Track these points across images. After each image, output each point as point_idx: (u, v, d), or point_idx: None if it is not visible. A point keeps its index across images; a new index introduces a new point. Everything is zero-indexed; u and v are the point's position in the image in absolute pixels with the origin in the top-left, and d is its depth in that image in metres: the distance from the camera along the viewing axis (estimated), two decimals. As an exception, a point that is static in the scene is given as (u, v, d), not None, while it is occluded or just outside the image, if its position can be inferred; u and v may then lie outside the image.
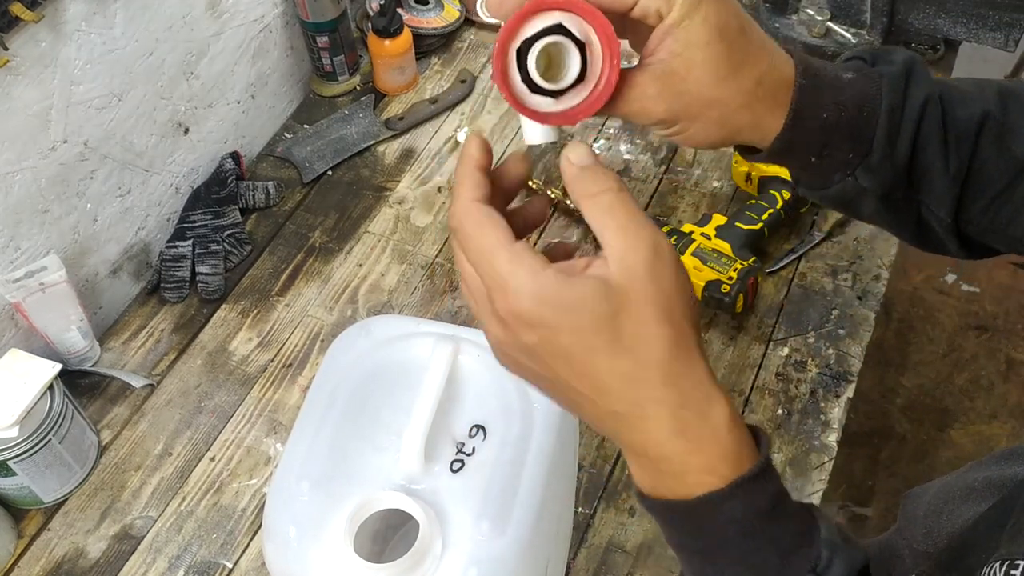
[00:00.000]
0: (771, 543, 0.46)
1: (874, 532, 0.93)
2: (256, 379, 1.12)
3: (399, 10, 1.37)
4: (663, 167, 1.30)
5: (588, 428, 1.04)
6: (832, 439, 1.04)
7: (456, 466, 0.74)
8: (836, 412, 1.06)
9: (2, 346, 1.04)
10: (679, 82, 0.53)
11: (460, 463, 0.74)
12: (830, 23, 1.39)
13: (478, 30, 1.49)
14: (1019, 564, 0.45)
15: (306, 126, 1.38)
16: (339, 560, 0.68)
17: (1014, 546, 0.48)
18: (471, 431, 0.76)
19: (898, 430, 2.02)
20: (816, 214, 1.22)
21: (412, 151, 1.35)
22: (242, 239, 1.23)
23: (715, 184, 1.28)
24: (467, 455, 0.75)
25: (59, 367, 0.97)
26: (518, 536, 0.71)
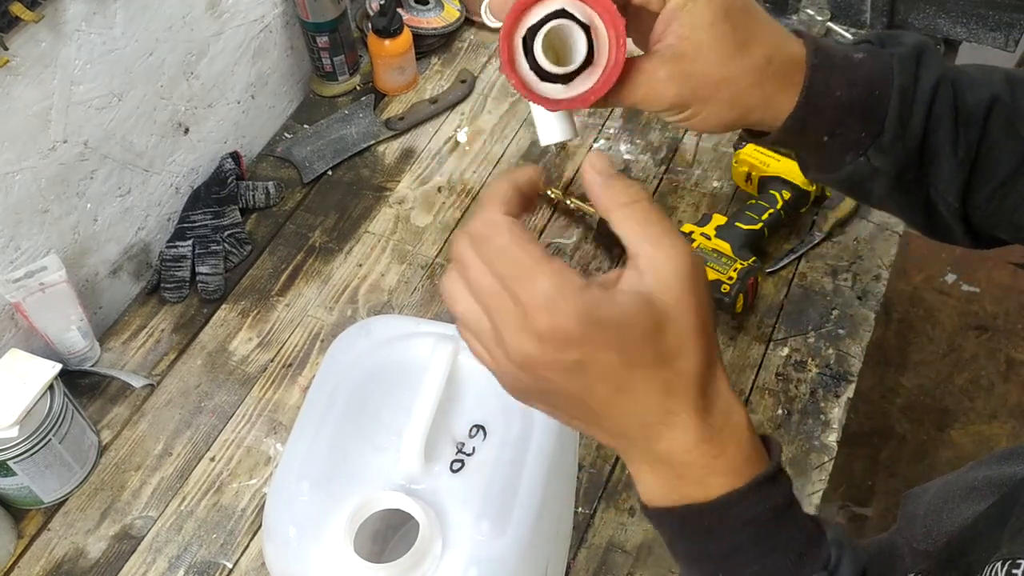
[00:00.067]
0: (787, 543, 0.46)
1: (874, 532, 0.93)
2: (256, 379, 1.12)
3: (399, 10, 1.37)
4: (663, 167, 1.30)
5: (588, 428, 1.04)
6: (832, 439, 1.04)
7: (456, 466, 0.74)
8: (836, 412, 1.06)
9: (2, 346, 1.04)
10: (688, 64, 0.53)
11: (460, 463, 0.74)
12: (830, 23, 1.40)
13: (478, 30, 1.49)
14: (1020, 564, 0.45)
15: (306, 126, 1.38)
16: (339, 560, 0.68)
17: (1015, 545, 0.48)
18: (471, 431, 0.76)
19: (898, 430, 2.02)
20: (816, 214, 1.22)
21: (412, 151, 1.35)
22: (242, 239, 1.23)
23: (715, 184, 1.28)
24: (467, 455, 0.75)
25: (59, 367, 0.97)
26: (518, 536, 0.71)
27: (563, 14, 0.51)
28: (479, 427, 0.76)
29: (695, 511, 0.46)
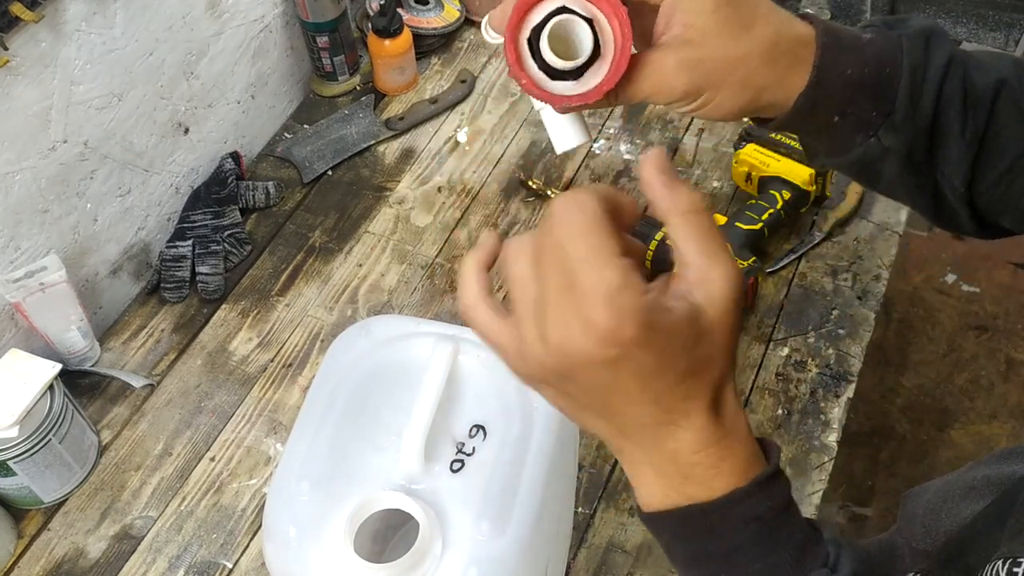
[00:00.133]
0: (788, 540, 0.47)
1: (874, 532, 0.93)
2: (256, 379, 1.12)
3: (399, 10, 1.37)
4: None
5: (588, 428, 1.04)
6: (832, 439, 1.04)
7: (456, 466, 0.74)
8: (836, 412, 1.06)
9: (2, 346, 1.04)
10: (697, 50, 0.53)
11: (460, 463, 0.74)
12: (830, 23, 1.40)
13: (478, 30, 1.49)
14: (1021, 563, 0.45)
15: (306, 126, 1.38)
16: (339, 560, 0.68)
17: (1015, 544, 0.48)
18: (471, 431, 0.76)
19: (898, 430, 2.02)
20: (816, 214, 1.22)
21: (412, 151, 1.35)
22: (242, 239, 1.23)
23: (715, 184, 1.28)
24: (467, 455, 0.75)
25: (59, 367, 0.97)
26: (518, 536, 0.71)
27: (565, 10, 0.52)
28: (479, 427, 0.76)
29: (698, 510, 0.46)
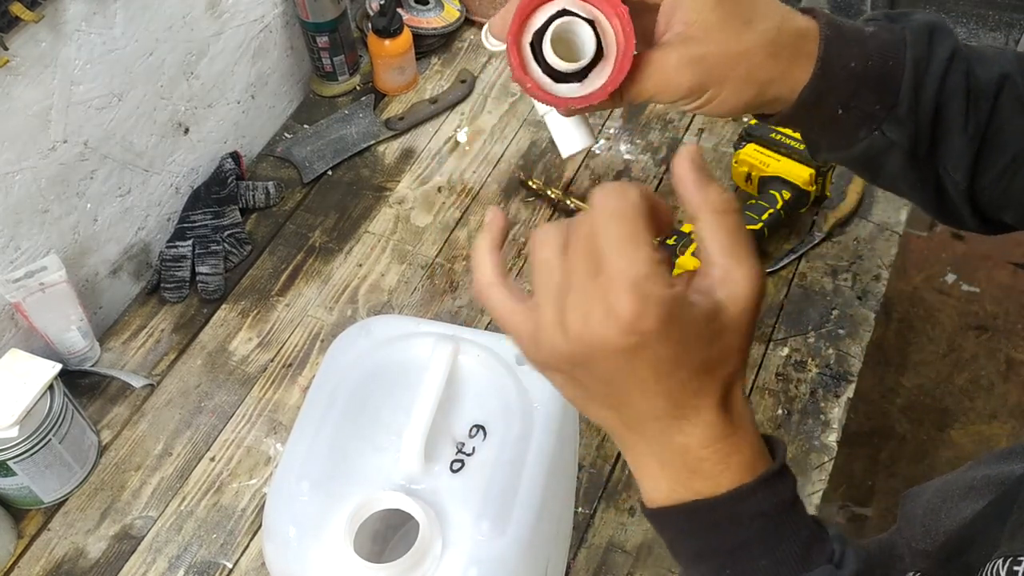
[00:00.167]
0: (793, 536, 0.47)
1: (874, 532, 0.93)
2: (256, 379, 1.12)
3: (399, 10, 1.37)
4: (663, 167, 1.30)
5: (588, 428, 1.04)
6: (832, 439, 1.04)
7: (456, 466, 0.74)
8: (836, 412, 1.06)
9: (2, 346, 1.04)
10: (700, 46, 0.53)
11: (460, 463, 0.74)
12: (830, 23, 1.39)
13: (478, 30, 1.49)
14: (1022, 561, 0.45)
15: (306, 126, 1.38)
16: (339, 560, 0.68)
17: (1015, 543, 0.48)
18: (471, 431, 0.76)
19: (898, 430, 2.02)
20: (816, 214, 1.22)
21: (412, 151, 1.35)
22: (242, 239, 1.23)
23: (715, 184, 1.27)
24: (467, 455, 0.75)
25: (59, 367, 0.97)
26: (518, 536, 0.71)
27: (566, 13, 0.52)
28: (479, 427, 0.76)
29: (704, 505, 0.46)
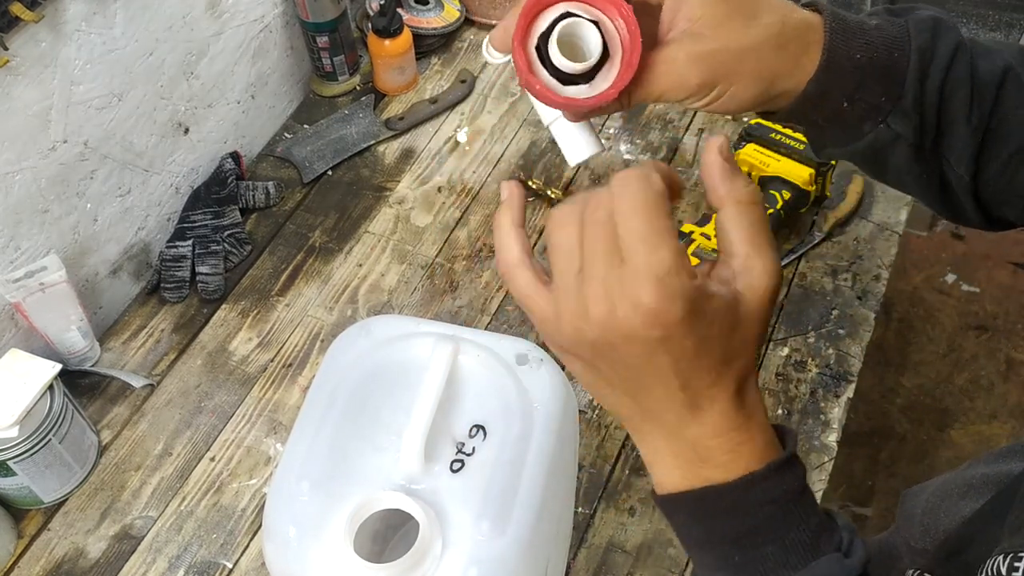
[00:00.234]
0: (801, 524, 0.47)
1: (874, 532, 0.93)
2: (256, 379, 1.12)
3: (399, 10, 1.37)
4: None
5: (588, 428, 1.04)
6: (832, 439, 1.04)
7: (456, 466, 0.74)
8: (836, 412, 1.06)
9: (2, 346, 1.04)
10: (708, 43, 0.53)
11: (460, 463, 0.74)
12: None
13: (478, 30, 1.49)
14: (1023, 556, 0.45)
15: (306, 126, 1.38)
16: (339, 560, 0.68)
17: (1016, 539, 0.48)
18: (471, 431, 0.76)
19: (898, 430, 2.02)
20: (816, 214, 1.22)
21: (412, 151, 1.35)
22: (242, 239, 1.23)
23: (715, 184, 1.27)
24: (467, 455, 0.75)
25: (59, 367, 0.97)
26: (518, 536, 0.71)
27: (570, 15, 0.52)
28: (479, 427, 0.76)
29: (713, 492, 0.47)
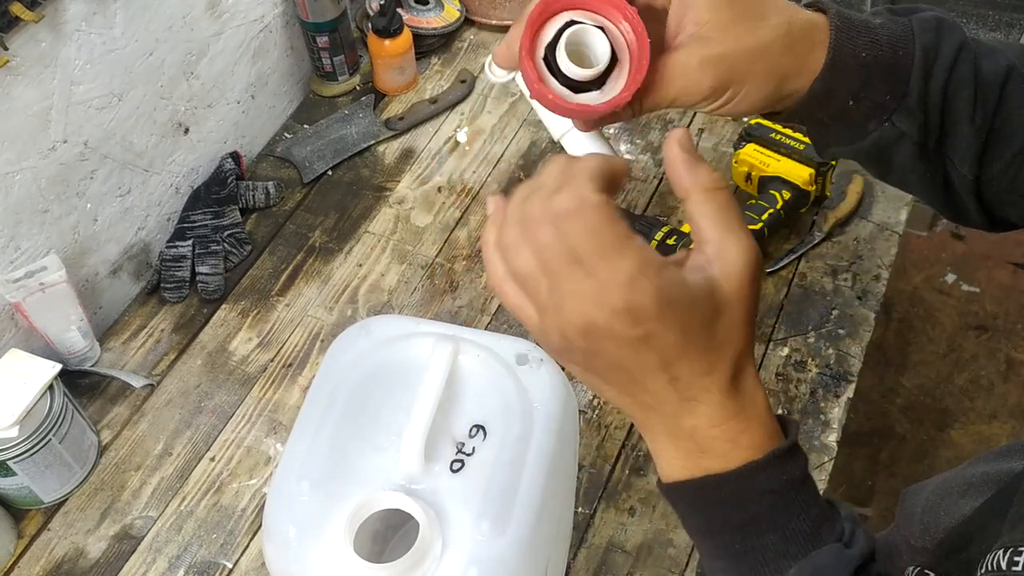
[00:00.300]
0: (802, 513, 0.47)
1: (874, 531, 0.93)
2: (256, 379, 1.12)
3: (399, 10, 1.37)
4: (663, 167, 1.30)
5: (588, 428, 1.04)
6: (832, 439, 1.04)
7: (456, 466, 0.74)
8: (836, 412, 1.06)
9: (2, 346, 1.04)
10: (717, 46, 0.53)
11: (460, 463, 0.74)
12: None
13: (478, 30, 1.49)
14: (1023, 551, 0.45)
15: (306, 126, 1.38)
16: (339, 560, 0.68)
17: (1016, 533, 0.48)
18: (471, 431, 0.76)
19: (898, 430, 2.02)
20: (816, 214, 1.22)
21: (412, 151, 1.35)
22: (242, 239, 1.23)
23: (715, 184, 1.27)
24: (467, 455, 0.75)
25: (59, 367, 0.97)
26: (518, 536, 0.71)
27: (576, 23, 0.51)
28: (479, 427, 0.76)
29: (713, 481, 0.47)
